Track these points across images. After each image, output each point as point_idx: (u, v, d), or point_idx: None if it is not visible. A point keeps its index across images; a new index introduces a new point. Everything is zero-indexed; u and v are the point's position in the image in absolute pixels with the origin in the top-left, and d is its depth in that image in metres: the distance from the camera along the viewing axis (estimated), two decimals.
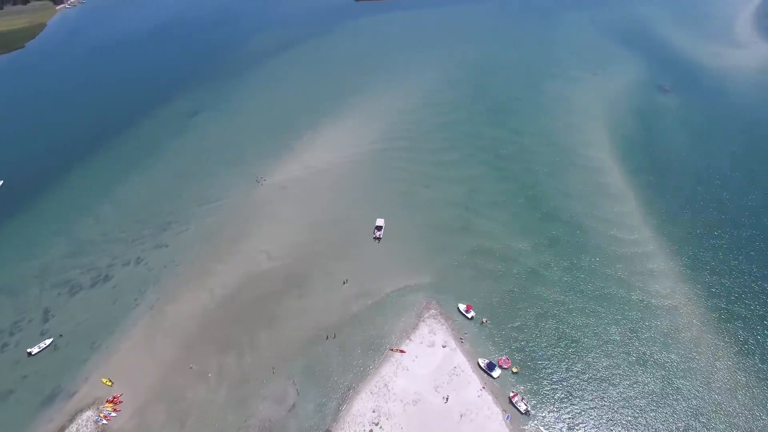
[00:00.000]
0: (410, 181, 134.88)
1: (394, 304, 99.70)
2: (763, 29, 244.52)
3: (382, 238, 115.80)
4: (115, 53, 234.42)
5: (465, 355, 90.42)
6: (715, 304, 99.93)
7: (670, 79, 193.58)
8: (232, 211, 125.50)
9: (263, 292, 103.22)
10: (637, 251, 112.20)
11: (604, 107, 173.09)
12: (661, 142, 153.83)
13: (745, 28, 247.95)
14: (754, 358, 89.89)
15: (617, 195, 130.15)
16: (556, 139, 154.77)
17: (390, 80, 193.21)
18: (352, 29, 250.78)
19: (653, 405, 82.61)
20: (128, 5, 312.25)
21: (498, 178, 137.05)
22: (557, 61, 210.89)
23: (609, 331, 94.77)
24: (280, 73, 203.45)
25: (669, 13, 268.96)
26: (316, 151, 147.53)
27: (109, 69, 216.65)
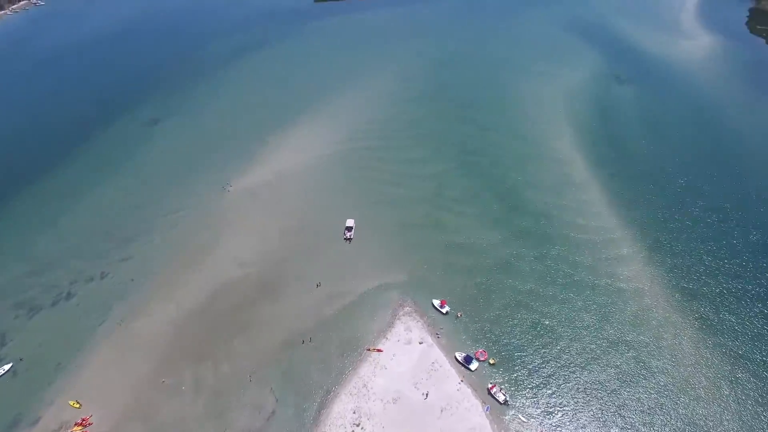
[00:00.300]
0: (379, 180, 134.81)
1: (368, 304, 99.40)
2: (705, 21, 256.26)
3: (353, 239, 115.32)
4: (65, 62, 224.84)
5: (442, 350, 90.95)
6: (678, 284, 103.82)
7: (625, 69, 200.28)
8: (199, 219, 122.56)
9: (236, 300, 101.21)
10: (602, 238, 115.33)
11: (565, 99, 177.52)
12: (620, 131, 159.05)
13: (690, 20, 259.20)
14: (716, 333, 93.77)
15: (581, 184, 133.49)
16: (521, 132, 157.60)
17: (354, 80, 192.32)
18: (313, 31, 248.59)
19: (626, 386, 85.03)
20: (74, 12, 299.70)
21: (466, 173, 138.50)
22: (518, 56, 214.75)
23: (580, 317, 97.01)
24: (241, 77, 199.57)
25: (620, 7, 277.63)
26: (283, 155, 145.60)
27: (60, 78, 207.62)
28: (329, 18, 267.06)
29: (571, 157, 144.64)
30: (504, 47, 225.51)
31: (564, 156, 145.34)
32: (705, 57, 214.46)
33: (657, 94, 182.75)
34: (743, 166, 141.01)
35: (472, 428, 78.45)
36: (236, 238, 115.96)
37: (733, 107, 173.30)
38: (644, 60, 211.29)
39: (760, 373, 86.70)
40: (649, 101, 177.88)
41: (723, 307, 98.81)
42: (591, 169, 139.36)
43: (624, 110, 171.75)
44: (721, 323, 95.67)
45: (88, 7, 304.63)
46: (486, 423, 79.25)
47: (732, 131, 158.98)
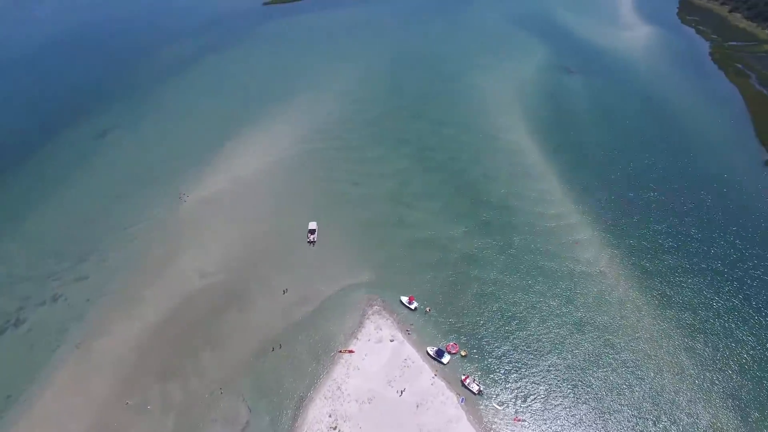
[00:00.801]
0: (339, 181, 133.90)
1: (336, 306, 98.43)
2: (640, 13, 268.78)
3: (317, 242, 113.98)
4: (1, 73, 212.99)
5: (413, 346, 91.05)
6: (635, 263, 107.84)
7: (572, 61, 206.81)
8: (156, 232, 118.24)
9: (200, 311, 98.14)
10: (562, 224, 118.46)
11: (517, 91, 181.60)
12: (572, 120, 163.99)
13: (628, 12, 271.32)
14: (672, 307, 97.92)
15: (538, 174, 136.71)
16: (477, 126, 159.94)
17: (308, 82, 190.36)
18: (263, 33, 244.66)
19: (593, 365, 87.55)
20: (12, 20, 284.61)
21: (425, 169, 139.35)
22: (468, 52, 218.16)
23: (546, 302, 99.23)
24: (193, 83, 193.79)
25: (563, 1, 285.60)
26: (239, 160, 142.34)
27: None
28: (279, 20, 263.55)
29: (526, 148, 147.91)
30: (455, 43, 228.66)
31: (520, 147, 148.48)
32: (643, 46, 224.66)
33: (603, 83, 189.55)
34: (685, 147, 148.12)
35: (449, 421, 78.86)
36: (196, 249, 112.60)
37: (672, 92, 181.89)
38: (589, 51, 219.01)
39: (715, 342, 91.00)
40: (596, 90, 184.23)
41: (677, 282, 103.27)
42: (546, 159, 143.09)
43: (573, 100, 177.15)
44: (677, 297, 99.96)
45: (26, 15, 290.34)
46: (462, 414, 79.85)
47: (672, 114, 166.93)
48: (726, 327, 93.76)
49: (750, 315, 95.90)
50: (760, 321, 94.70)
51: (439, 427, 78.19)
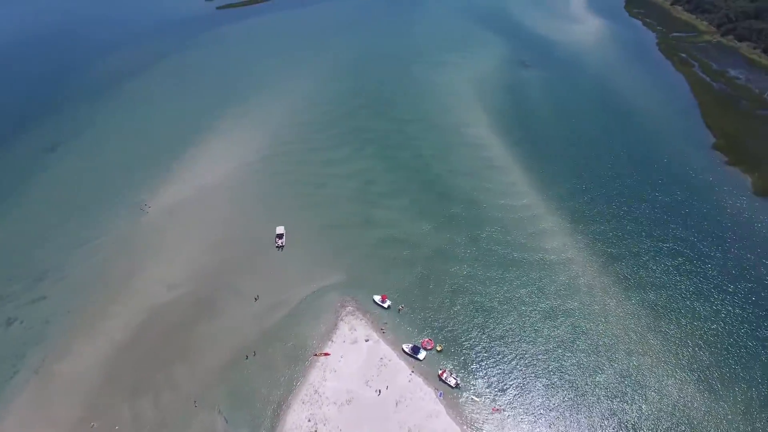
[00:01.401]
0: (304, 183, 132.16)
1: (309, 309, 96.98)
2: (590, 7, 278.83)
3: (285, 246, 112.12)
4: None
5: (389, 345, 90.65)
6: (600, 249, 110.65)
7: (528, 55, 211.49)
8: (118, 246, 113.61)
9: (170, 324, 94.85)
10: (528, 215, 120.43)
11: (476, 87, 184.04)
12: (531, 113, 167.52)
13: (578, 6, 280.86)
14: (638, 289, 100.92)
15: (502, 167, 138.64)
16: (438, 122, 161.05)
17: (268, 85, 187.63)
18: (218, 38, 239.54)
19: (566, 351, 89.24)
20: None
21: (389, 167, 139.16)
22: (426, 49, 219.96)
23: (517, 293, 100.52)
24: (147, 91, 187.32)
25: None
26: (202, 168, 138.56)
27: None
28: (233, 24, 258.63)
29: (489, 142, 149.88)
30: (413, 41, 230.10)
31: (482, 141, 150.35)
32: (595, 39, 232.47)
33: (559, 76, 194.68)
34: (639, 134, 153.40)
35: (428, 416, 78.79)
36: (162, 260, 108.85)
37: (625, 82, 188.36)
38: (543, 45, 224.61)
39: (679, 320, 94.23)
40: (552, 82, 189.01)
41: (641, 265, 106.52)
42: (509, 151, 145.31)
43: (531, 93, 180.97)
44: (641, 280, 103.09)
45: None
46: (441, 408, 79.96)
47: (626, 103, 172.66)
48: (689, 305, 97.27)
49: (710, 293, 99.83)
50: (719, 298, 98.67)
51: (419, 422, 78.02)
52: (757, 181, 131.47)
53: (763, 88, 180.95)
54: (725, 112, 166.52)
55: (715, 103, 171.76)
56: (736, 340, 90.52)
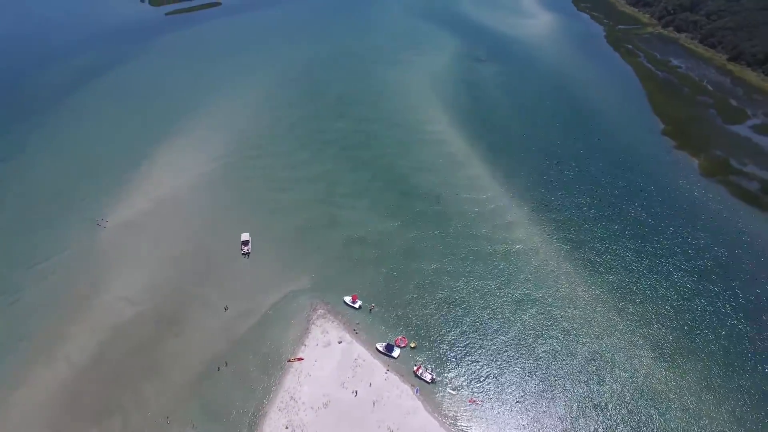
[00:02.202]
0: (267, 188, 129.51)
1: (280, 315, 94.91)
2: (541, 1, 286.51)
3: (252, 252, 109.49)
4: None
5: (362, 345, 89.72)
6: (564, 236, 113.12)
7: (483, 50, 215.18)
8: (73, 264, 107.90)
9: (135, 341, 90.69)
10: (492, 207, 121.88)
11: (434, 83, 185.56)
12: (489, 107, 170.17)
13: (529, 2, 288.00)
14: (602, 273, 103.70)
15: (464, 161, 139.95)
16: (399, 120, 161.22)
17: (224, 91, 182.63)
18: (168, 45, 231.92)
19: (538, 338, 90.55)
20: None
21: (351, 167, 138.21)
22: (382, 48, 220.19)
23: (486, 284, 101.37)
24: (98, 101, 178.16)
25: None
26: (159, 179, 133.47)
27: None
28: (184, 30, 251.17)
29: (450, 137, 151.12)
30: (368, 41, 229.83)
31: (443, 137, 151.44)
32: (546, 32, 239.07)
33: (513, 69, 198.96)
34: (594, 123, 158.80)
35: (407, 413, 78.31)
36: (122, 277, 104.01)
37: (577, 73, 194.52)
38: (497, 40, 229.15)
39: (642, 301, 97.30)
40: (507, 76, 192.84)
41: (604, 250, 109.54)
42: (470, 146, 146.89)
43: (488, 87, 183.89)
44: (605, 263, 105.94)
45: None
46: (419, 404, 79.65)
47: (580, 93, 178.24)
48: (651, 285, 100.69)
49: (669, 272, 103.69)
50: (678, 276, 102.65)
51: (398, 420, 77.42)
52: (704, 162, 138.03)
53: (702, 76, 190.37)
54: (670, 99, 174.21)
55: (660, 91, 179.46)
56: (695, 315, 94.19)
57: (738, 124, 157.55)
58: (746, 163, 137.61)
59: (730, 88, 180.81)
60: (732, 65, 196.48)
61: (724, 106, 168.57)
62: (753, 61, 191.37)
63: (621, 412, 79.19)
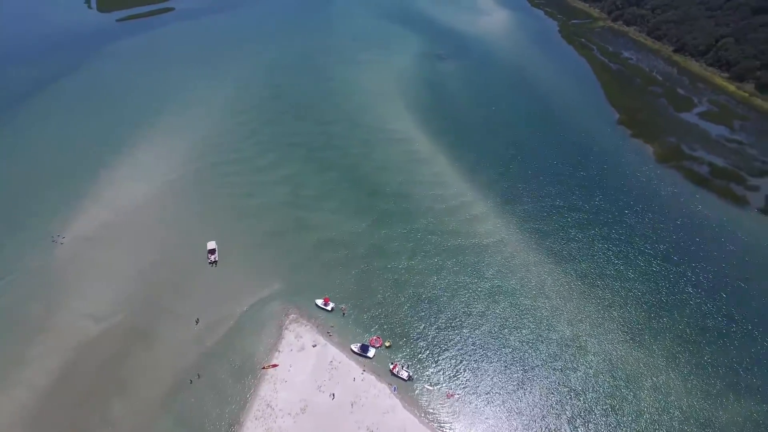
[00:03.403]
0: (232, 195, 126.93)
1: (252, 323, 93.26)
2: None
3: (219, 261, 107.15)
4: None
5: (337, 347, 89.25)
6: (531, 227, 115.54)
7: (442, 48, 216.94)
8: (30, 283, 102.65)
9: (101, 359, 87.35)
10: (458, 203, 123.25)
11: (396, 82, 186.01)
12: (450, 103, 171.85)
13: None
14: (570, 262, 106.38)
15: (428, 159, 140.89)
16: (361, 120, 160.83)
17: (183, 97, 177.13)
18: (122, 51, 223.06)
19: (511, 329, 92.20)
20: None
21: (317, 169, 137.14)
22: (343, 49, 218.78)
23: (457, 279, 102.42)
24: (44, 113, 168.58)
25: None
26: (119, 190, 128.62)
27: None
28: (138, 36, 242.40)
29: (413, 136, 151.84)
30: (329, 42, 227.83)
31: (407, 135, 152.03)
32: (503, 28, 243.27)
33: (473, 65, 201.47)
34: (553, 115, 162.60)
35: (385, 412, 78.28)
36: (85, 293, 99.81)
37: (534, 67, 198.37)
38: (455, 37, 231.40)
39: (609, 286, 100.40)
40: (468, 72, 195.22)
41: (570, 238, 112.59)
42: (433, 143, 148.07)
43: (449, 84, 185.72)
44: (572, 252, 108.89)
45: None
46: (397, 402, 79.80)
47: (538, 87, 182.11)
48: (616, 270, 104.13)
49: (634, 256, 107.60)
50: (642, 259, 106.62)
51: (377, 420, 77.31)
52: (657, 149, 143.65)
53: (652, 67, 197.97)
54: (624, 90, 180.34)
55: (614, 83, 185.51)
56: (659, 297, 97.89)
57: (686, 111, 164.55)
58: (696, 148, 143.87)
59: (677, 78, 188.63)
60: (677, 56, 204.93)
61: (672, 95, 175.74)
62: (695, 52, 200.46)
63: (596, 395, 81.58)
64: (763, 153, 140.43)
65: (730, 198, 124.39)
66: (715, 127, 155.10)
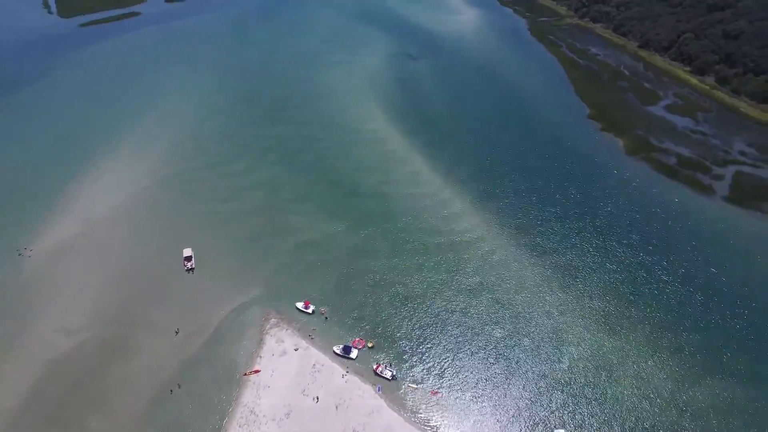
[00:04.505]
0: (207, 201, 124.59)
1: (232, 329, 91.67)
2: None
3: (196, 267, 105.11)
4: None
5: (319, 350, 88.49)
6: (508, 222, 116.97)
7: (414, 47, 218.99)
8: None
9: (75, 374, 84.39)
10: (436, 201, 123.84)
11: (369, 83, 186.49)
12: (424, 102, 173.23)
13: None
14: (547, 255, 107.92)
15: (404, 158, 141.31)
16: (336, 122, 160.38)
17: (151, 105, 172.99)
18: (88, 57, 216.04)
19: (492, 324, 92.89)
20: None
21: (294, 172, 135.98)
22: (315, 52, 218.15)
23: (438, 277, 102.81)
24: (5, 123, 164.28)
25: None
26: (89, 200, 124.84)
27: None
28: (104, 41, 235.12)
29: (388, 135, 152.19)
30: (300, 45, 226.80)
31: (382, 135, 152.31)
32: (473, 27, 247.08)
33: (445, 64, 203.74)
34: (526, 111, 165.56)
35: (370, 412, 77.95)
36: (56, 307, 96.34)
37: (506, 64, 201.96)
38: (426, 37, 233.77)
39: (588, 277, 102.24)
40: (439, 71, 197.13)
41: (547, 231, 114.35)
42: (408, 142, 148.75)
43: (422, 83, 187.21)
44: (548, 245, 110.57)
45: None
46: (382, 402, 79.53)
47: (510, 83, 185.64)
48: (594, 261, 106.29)
49: (611, 247, 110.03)
50: (619, 250, 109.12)
51: (363, 420, 76.90)
52: (627, 142, 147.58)
53: (619, 62, 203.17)
54: (592, 85, 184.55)
55: (583, 78, 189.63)
56: (636, 286, 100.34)
57: (652, 105, 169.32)
58: (663, 140, 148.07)
59: (643, 73, 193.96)
60: (642, 52, 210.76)
61: (639, 89, 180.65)
62: (659, 47, 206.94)
63: (580, 385, 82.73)
64: (725, 143, 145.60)
65: (697, 187, 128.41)
66: (680, 119, 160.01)
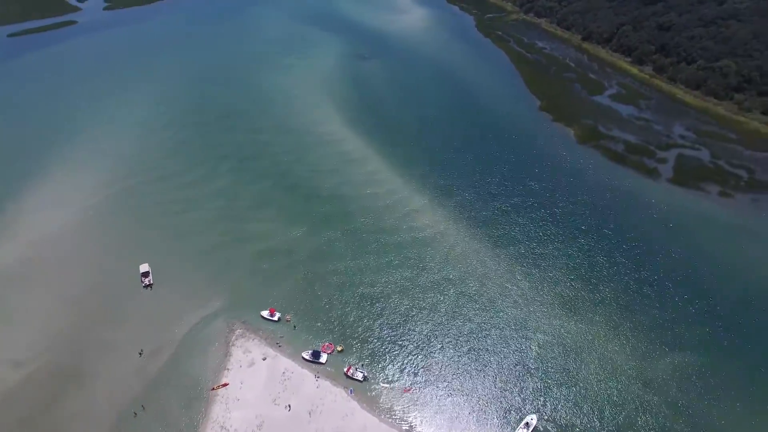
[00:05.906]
0: (162, 213, 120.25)
1: (196, 344, 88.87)
2: None
3: (154, 283, 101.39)
4: None
5: (288, 357, 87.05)
6: (468, 216, 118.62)
7: (365, 48, 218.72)
8: None
9: (26, 408, 79.54)
10: (395, 199, 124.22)
11: (322, 85, 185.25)
12: (378, 101, 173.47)
13: None
14: (509, 246, 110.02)
15: (361, 158, 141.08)
16: (290, 126, 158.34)
17: (95, 117, 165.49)
18: (19, 69, 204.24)
19: (460, 318, 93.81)
20: None
21: (250, 179, 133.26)
22: (264, 54, 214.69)
23: (402, 275, 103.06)
24: None
25: None
26: (35, 218, 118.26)
27: None
28: (37, 51, 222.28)
29: (343, 136, 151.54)
30: (249, 48, 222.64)
31: (337, 137, 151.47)
32: (422, 25, 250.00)
33: (396, 63, 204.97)
34: (478, 106, 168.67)
35: (344, 416, 77.30)
36: (1, 338, 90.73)
37: (456, 61, 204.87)
38: (377, 36, 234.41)
39: (550, 265, 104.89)
40: (392, 70, 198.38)
41: (507, 223, 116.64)
42: (365, 142, 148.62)
43: (375, 83, 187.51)
44: (509, 236, 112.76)
45: None
46: (355, 405, 78.98)
47: (461, 80, 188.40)
48: (555, 249, 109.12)
49: (570, 233, 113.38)
50: (579, 236, 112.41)
51: (337, 424, 76.18)
52: (577, 131, 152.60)
53: (564, 55, 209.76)
54: (541, 78, 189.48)
55: (532, 72, 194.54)
56: (596, 270, 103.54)
57: (599, 95, 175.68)
58: (611, 128, 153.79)
59: (587, 64, 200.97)
60: (586, 44, 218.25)
61: (585, 80, 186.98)
62: (601, 39, 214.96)
63: (549, 371, 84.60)
64: (666, 128, 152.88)
65: (644, 171, 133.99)
66: (624, 107, 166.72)
